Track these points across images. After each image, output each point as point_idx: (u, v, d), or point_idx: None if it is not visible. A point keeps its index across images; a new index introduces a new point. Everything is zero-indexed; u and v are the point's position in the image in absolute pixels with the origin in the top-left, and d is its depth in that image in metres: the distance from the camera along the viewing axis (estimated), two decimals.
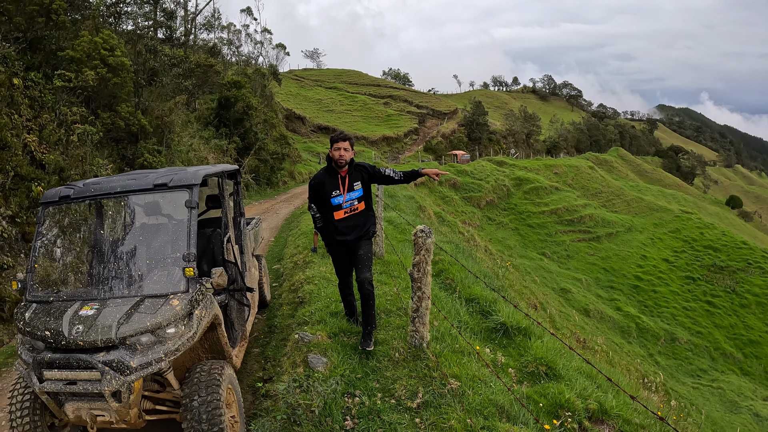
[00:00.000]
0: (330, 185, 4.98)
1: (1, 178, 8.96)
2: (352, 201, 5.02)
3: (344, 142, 4.96)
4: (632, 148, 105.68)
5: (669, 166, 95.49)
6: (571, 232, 42.26)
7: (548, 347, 5.84)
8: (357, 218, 5.07)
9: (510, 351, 5.74)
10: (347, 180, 5.02)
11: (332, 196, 4.96)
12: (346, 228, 5.03)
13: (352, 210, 5.04)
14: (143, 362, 3.36)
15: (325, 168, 5.11)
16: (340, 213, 5.00)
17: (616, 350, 20.75)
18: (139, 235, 4.31)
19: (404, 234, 10.74)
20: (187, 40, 30.56)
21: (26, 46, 12.14)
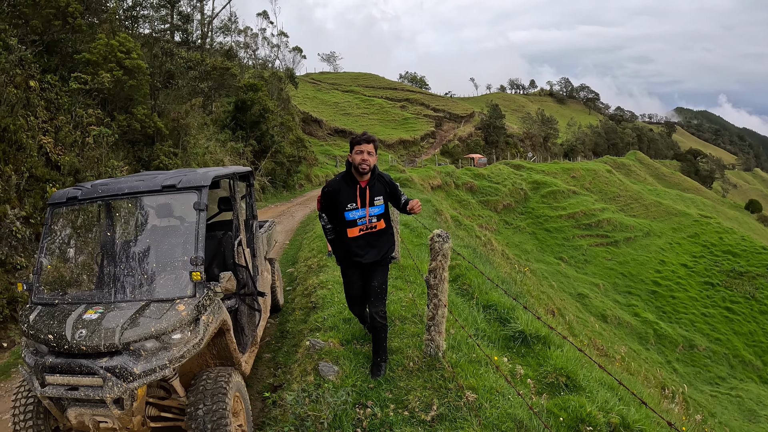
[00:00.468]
0: (346, 196, 4.27)
1: (16, 179, 8.98)
2: (371, 218, 4.33)
3: (368, 144, 4.22)
4: (650, 152, 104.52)
5: (687, 170, 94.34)
6: (589, 236, 41.73)
7: (568, 357, 5.62)
8: (374, 238, 4.41)
9: (529, 360, 5.53)
10: (367, 192, 4.29)
11: (347, 209, 4.27)
12: (360, 248, 4.38)
13: (369, 228, 4.35)
14: (147, 369, 3.25)
15: (343, 174, 4.38)
16: (354, 230, 4.32)
17: (634, 357, 20.36)
18: (147, 237, 4.20)
19: (420, 238, 10.57)
20: (204, 44, 30.68)
21: (43, 49, 12.22)
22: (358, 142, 4.24)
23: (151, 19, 23.08)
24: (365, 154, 4.20)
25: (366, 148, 4.21)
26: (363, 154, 4.20)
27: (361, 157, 4.19)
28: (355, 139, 4.29)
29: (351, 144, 4.31)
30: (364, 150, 4.20)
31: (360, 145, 4.21)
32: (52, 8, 11.94)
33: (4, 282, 7.87)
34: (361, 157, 4.19)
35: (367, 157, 4.20)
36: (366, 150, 4.20)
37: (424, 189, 30.79)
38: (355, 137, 4.30)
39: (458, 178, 41.47)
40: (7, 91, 9.54)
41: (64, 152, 10.90)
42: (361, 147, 4.21)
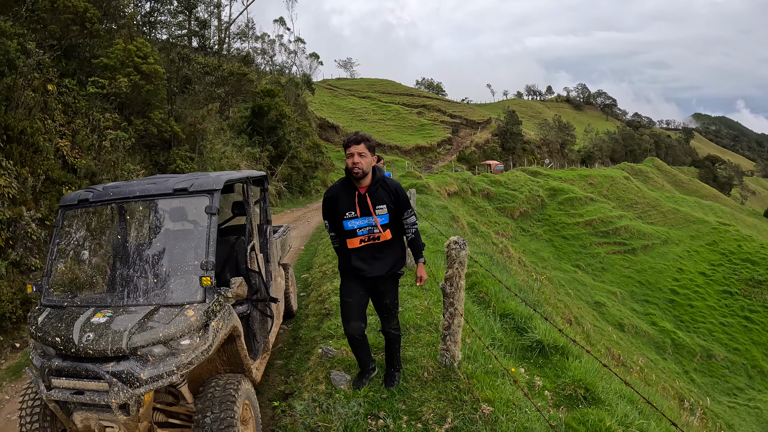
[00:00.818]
0: (344, 203, 3.88)
1: (33, 181, 9.03)
2: (372, 228, 3.88)
3: (358, 145, 3.76)
4: (668, 158, 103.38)
5: (705, 177, 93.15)
6: (606, 244, 41.25)
7: (587, 368, 5.46)
8: (378, 250, 3.96)
9: (546, 371, 5.38)
10: (367, 199, 3.85)
11: (345, 217, 3.87)
12: (363, 261, 3.95)
13: (371, 239, 3.91)
14: (154, 375, 3.19)
15: (342, 180, 3.99)
16: (354, 241, 3.91)
17: (651, 367, 20.04)
18: (157, 241, 4.15)
19: (437, 245, 10.43)
20: (221, 49, 30.88)
21: (61, 54, 12.33)
22: (347, 144, 3.82)
23: (169, 25, 23.26)
24: (356, 157, 3.75)
25: (356, 150, 3.76)
26: (353, 156, 3.76)
27: (352, 161, 3.77)
28: (345, 141, 3.88)
29: (343, 147, 3.89)
30: (354, 152, 3.76)
31: (349, 147, 3.79)
32: (70, 13, 12.04)
33: (18, 283, 7.91)
34: (352, 161, 3.77)
35: (359, 160, 3.75)
36: (356, 152, 3.76)
37: (441, 195, 30.59)
38: (345, 139, 3.89)
39: (475, 184, 41.25)
40: (25, 95, 9.62)
41: (80, 155, 10.97)
42: (351, 149, 3.78)
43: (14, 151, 8.87)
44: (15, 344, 7.34)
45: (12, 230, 8.28)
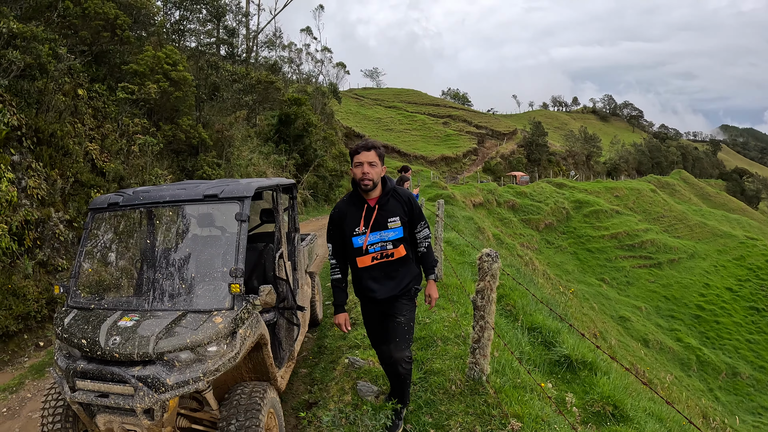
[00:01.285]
0: (352, 219, 3.53)
1: (62, 184, 9.16)
2: (384, 244, 3.52)
3: (368, 152, 3.40)
4: (695, 171, 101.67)
5: (733, 190, 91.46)
6: (632, 257, 40.63)
7: (615, 384, 5.32)
8: (391, 269, 3.60)
9: (574, 387, 5.25)
10: (375, 212, 3.50)
11: (354, 234, 3.52)
12: (373, 281, 3.58)
13: (383, 256, 3.54)
14: (180, 380, 3.16)
15: (350, 194, 3.62)
16: (365, 259, 3.54)
17: (676, 384, 19.58)
18: (186, 246, 4.13)
19: (463, 256, 10.33)
20: (249, 57, 31.25)
21: (91, 59, 12.55)
22: (356, 151, 3.43)
23: (198, 33, 23.63)
24: (366, 166, 3.38)
25: (365, 158, 3.39)
26: (363, 166, 3.39)
27: (361, 170, 3.39)
28: (352, 149, 3.48)
29: (350, 155, 3.50)
30: (363, 161, 3.39)
31: (358, 155, 3.41)
32: (101, 20, 12.25)
33: (45, 282, 8.00)
34: (361, 170, 3.39)
35: (369, 169, 3.38)
36: (366, 160, 3.39)
37: (466, 206, 30.48)
38: (352, 147, 3.51)
39: (500, 195, 41.04)
40: (56, 98, 9.78)
41: (109, 159, 11.11)
42: (359, 157, 3.40)
43: (44, 154, 9.01)
44: (39, 343, 7.42)
45: (40, 231, 8.39)
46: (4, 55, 8.73)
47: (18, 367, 6.74)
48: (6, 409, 5.41)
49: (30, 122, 8.88)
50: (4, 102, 8.52)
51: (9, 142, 8.37)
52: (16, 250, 7.71)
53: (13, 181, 7.97)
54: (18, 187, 8.12)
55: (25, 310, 7.38)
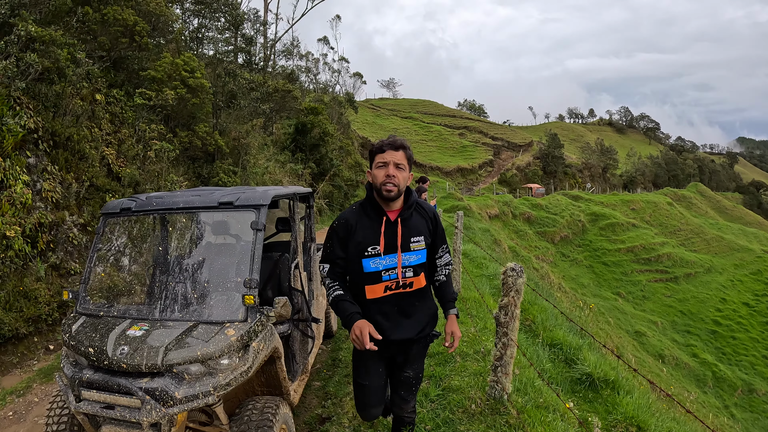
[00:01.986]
0: (365, 234, 2.77)
1: (77, 187, 9.15)
2: (403, 270, 2.79)
3: (396, 152, 2.72)
4: (711, 184, 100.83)
5: (750, 203, 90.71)
6: (648, 271, 40.18)
7: (638, 404, 5.14)
8: (408, 303, 2.86)
9: (596, 406, 5.06)
10: (399, 227, 2.79)
11: (366, 254, 2.75)
12: (385, 317, 2.81)
13: (398, 286, 2.80)
14: (189, 394, 3.03)
15: (361, 203, 2.89)
16: (377, 288, 2.78)
17: (692, 401, 19.17)
18: (200, 255, 4.02)
19: (481, 269, 10.15)
20: (266, 66, 31.42)
21: (110, 65, 12.61)
22: (380, 149, 2.75)
23: (215, 41, 23.79)
24: (391, 167, 2.69)
25: (392, 158, 2.70)
26: (388, 167, 2.70)
27: (385, 172, 2.69)
28: (376, 146, 2.79)
29: (371, 154, 2.82)
30: (389, 161, 2.70)
31: (382, 154, 2.73)
32: (120, 26, 12.32)
33: (57, 286, 7.97)
34: (385, 172, 2.69)
35: (395, 172, 2.69)
36: (393, 160, 2.70)
37: (482, 218, 30.29)
38: (375, 144, 2.81)
39: (516, 207, 40.82)
40: (73, 103, 9.80)
41: (125, 164, 11.11)
42: (384, 156, 2.72)
43: (60, 157, 9.01)
44: (49, 346, 7.39)
45: (54, 234, 8.37)
46: (22, 58, 8.76)
47: (27, 369, 6.70)
48: (12, 413, 5.34)
49: (47, 125, 8.90)
50: (22, 105, 8.54)
51: (25, 144, 8.39)
52: (29, 252, 7.68)
53: (28, 183, 7.96)
54: (33, 190, 8.11)
55: (36, 312, 7.35)
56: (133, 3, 13.62)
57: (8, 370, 6.61)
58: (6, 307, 7.00)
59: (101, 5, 12.43)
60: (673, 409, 10.76)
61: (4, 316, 6.85)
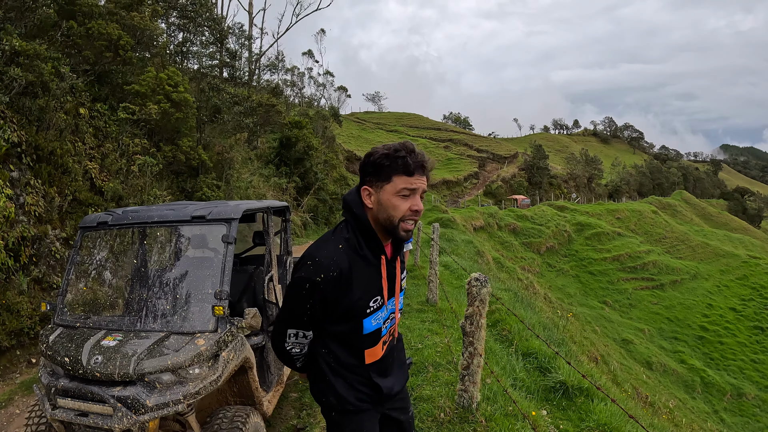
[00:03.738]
0: (364, 284, 2.05)
1: (59, 201, 9.17)
2: (393, 316, 2.28)
3: (424, 175, 2.03)
4: (696, 191, 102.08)
5: (735, 209, 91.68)
6: (634, 279, 40.48)
7: (612, 411, 5.21)
8: (396, 349, 2.41)
9: (570, 414, 5.14)
10: (398, 264, 2.25)
11: (368, 312, 2.08)
12: (381, 374, 2.23)
13: (390, 335, 2.29)
14: (160, 402, 3.12)
15: (346, 237, 2.06)
16: (377, 350, 2.18)
17: (680, 407, 19.33)
18: (173, 268, 4.11)
19: (460, 280, 10.27)
20: (251, 80, 31.48)
21: (94, 79, 12.65)
22: (407, 169, 1.96)
23: (200, 55, 23.80)
24: (419, 199, 2.03)
25: (422, 184, 2.02)
26: (416, 196, 2.02)
27: (413, 205, 2.01)
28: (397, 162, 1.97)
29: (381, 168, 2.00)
30: (419, 187, 2.01)
31: (410, 178, 1.98)
32: (104, 40, 12.38)
33: (39, 299, 8.00)
34: (413, 205, 2.01)
35: (422, 205, 2.05)
36: (422, 188, 2.03)
37: (467, 230, 30.43)
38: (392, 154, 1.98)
39: (501, 219, 41.01)
40: (57, 117, 9.84)
41: (108, 178, 11.14)
42: (414, 182, 1.98)
43: (43, 171, 9.04)
44: (31, 359, 7.43)
45: (36, 247, 8.39)
46: (5, 72, 8.81)
47: (9, 382, 6.73)
48: None
49: (30, 139, 8.94)
50: (5, 118, 8.58)
51: (8, 158, 8.42)
52: (12, 265, 7.70)
53: (11, 197, 7.98)
54: (16, 204, 8.13)
55: (18, 326, 7.38)
56: (118, 17, 13.70)
57: None
58: None
59: (86, 19, 12.50)
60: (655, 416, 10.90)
61: None
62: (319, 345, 2.18)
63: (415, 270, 11.78)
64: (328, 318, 2.08)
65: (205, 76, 22.60)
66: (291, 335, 2.11)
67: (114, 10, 13.79)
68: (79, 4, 12.47)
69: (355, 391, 2.16)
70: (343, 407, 2.16)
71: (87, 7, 12.64)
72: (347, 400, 2.14)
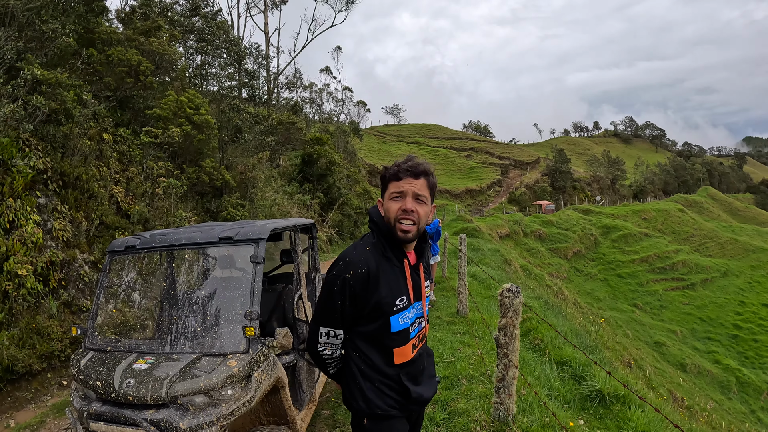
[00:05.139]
0: (390, 282, 2.16)
1: (87, 226, 9.32)
2: (420, 320, 2.32)
3: (416, 179, 2.12)
4: (722, 186, 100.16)
5: (762, 202, 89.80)
6: (664, 280, 39.71)
7: (650, 418, 5.07)
8: (427, 354, 2.46)
9: (607, 423, 5.01)
10: (421, 270, 2.32)
11: (395, 309, 2.15)
12: (414, 380, 2.27)
13: (420, 340, 2.33)
14: (193, 424, 3.10)
15: (373, 242, 2.21)
16: (406, 350, 2.22)
17: (716, 409, 18.79)
18: (203, 289, 4.12)
19: (489, 290, 10.16)
20: (270, 99, 31.89)
21: (116, 104, 12.91)
22: (395, 175, 2.14)
23: (219, 77, 24.22)
24: (409, 200, 2.11)
25: (411, 187, 2.12)
26: (405, 199, 2.12)
27: (401, 206, 2.11)
28: (390, 171, 2.18)
29: (383, 180, 2.22)
30: (408, 190, 2.11)
31: (398, 182, 2.13)
32: (124, 67, 12.65)
33: (69, 323, 8.10)
34: (401, 206, 2.11)
35: (414, 206, 2.12)
36: (412, 190, 2.12)
37: (492, 238, 30.22)
38: (391, 167, 2.21)
39: (526, 226, 40.72)
40: (81, 143, 10.05)
41: (134, 202, 11.31)
42: (401, 185, 2.12)
43: (69, 196, 9.21)
44: (62, 382, 7.49)
45: (65, 272, 8.52)
46: (29, 101, 9.02)
47: (41, 405, 6.79)
48: None
49: (56, 166, 9.13)
50: (30, 146, 8.77)
51: (35, 185, 8.60)
52: (41, 290, 7.83)
53: (38, 223, 8.14)
54: (44, 229, 8.29)
55: (49, 349, 7.48)
56: (137, 43, 14.00)
57: (22, 405, 6.71)
58: (19, 344, 7.12)
59: (105, 47, 12.79)
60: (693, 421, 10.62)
61: (18, 352, 6.97)
62: (350, 348, 2.27)
63: (444, 282, 11.69)
64: (359, 316, 2.18)
65: (225, 97, 22.93)
66: (323, 334, 2.22)
67: (132, 37, 14.09)
68: (97, 32, 12.77)
69: (384, 396, 2.20)
70: (372, 411, 2.20)
71: (105, 34, 12.94)
72: (376, 404, 2.19)
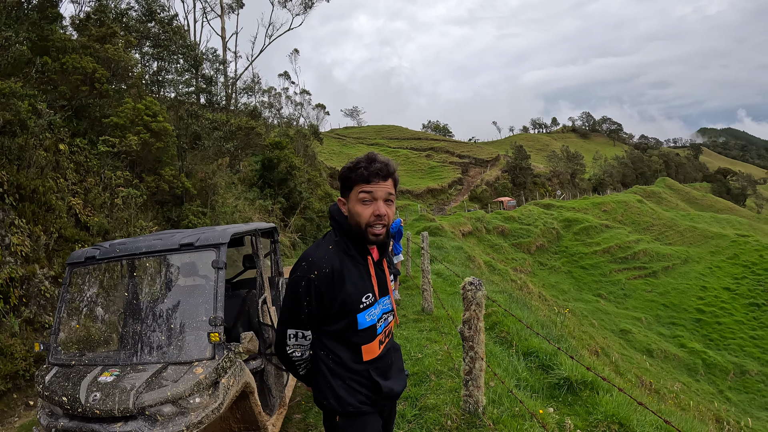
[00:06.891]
0: (355, 280, 2.15)
1: (45, 239, 9.08)
2: (387, 315, 2.33)
3: (384, 181, 2.12)
4: (679, 176, 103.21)
5: (719, 190, 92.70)
6: (626, 269, 40.70)
7: (619, 401, 5.21)
8: (395, 348, 2.47)
9: (576, 409, 5.13)
10: (385, 265, 2.35)
11: (362, 307, 2.15)
12: (382, 375, 2.26)
13: (386, 335, 2.33)
14: None
15: (336, 240, 2.19)
16: (374, 346, 2.22)
17: (685, 391, 19.38)
18: (165, 297, 4.07)
19: (454, 286, 10.27)
20: (228, 104, 31.53)
21: (72, 114, 12.58)
22: (364, 177, 2.10)
23: (176, 83, 23.78)
24: (381, 204, 2.12)
25: (381, 190, 2.11)
26: (377, 203, 2.11)
27: (374, 210, 2.10)
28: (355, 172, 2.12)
29: (346, 181, 2.17)
30: (379, 192, 2.11)
31: (368, 185, 2.10)
32: (79, 74, 12.35)
33: (32, 340, 7.88)
34: (374, 210, 2.10)
35: (385, 210, 2.13)
36: (383, 191, 2.12)
37: (455, 236, 30.49)
38: (353, 166, 2.14)
39: (489, 222, 41.17)
40: (37, 154, 9.77)
41: (93, 213, 11.05)
42: (372, 188, 2.10)
43: (27, 210, 8.95)
44: (29, 402, 7.31)
45: (25, 288, 8.28)
46: None
47: (8, 427, 6.61)
48: None
49: (12, 179, 8.85)
50: None
51: None
52: (2, 308, 7.60)
53: None
54: (1, 245, 8.04)
55: (13, 369, 7.26)
56: (92, 50, 13.68)
57: None
58: None
59: (60, 54, 12.46)
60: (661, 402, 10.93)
61: None
62: (318, 347, 2.25)
63: (408, 280, 11.77)
64: (325, 315, 2.15)
65: (183, 103, 22.57)
66: (291, 336, 2.18)
67: (87, 44, 13.76)
68: (52, 39, 12.44)
69: (355, 392, 2.18)
70: (344, 409, 2.17)
71: (60, 42, 12.61)
72: (347, 401, 2.17)
